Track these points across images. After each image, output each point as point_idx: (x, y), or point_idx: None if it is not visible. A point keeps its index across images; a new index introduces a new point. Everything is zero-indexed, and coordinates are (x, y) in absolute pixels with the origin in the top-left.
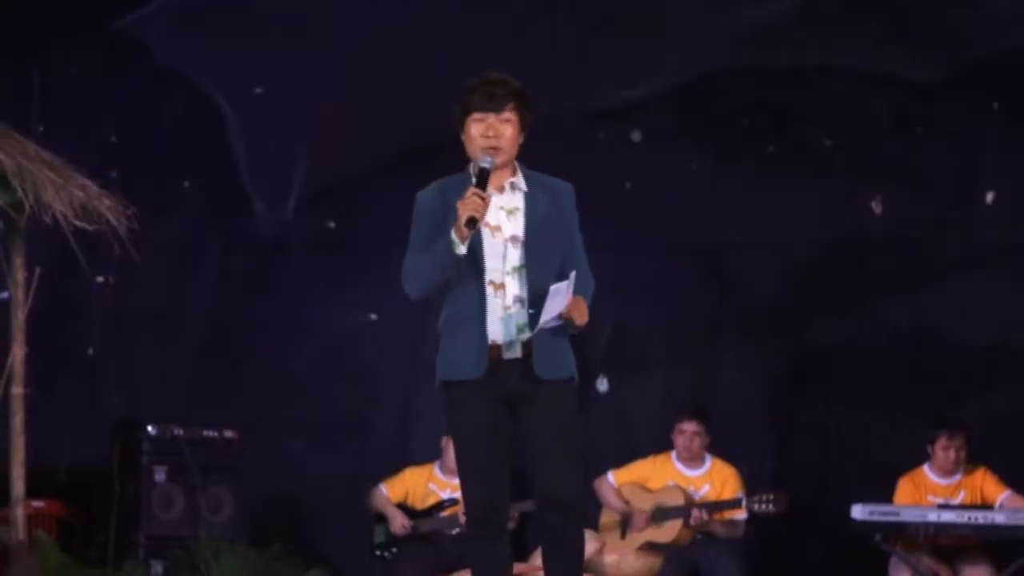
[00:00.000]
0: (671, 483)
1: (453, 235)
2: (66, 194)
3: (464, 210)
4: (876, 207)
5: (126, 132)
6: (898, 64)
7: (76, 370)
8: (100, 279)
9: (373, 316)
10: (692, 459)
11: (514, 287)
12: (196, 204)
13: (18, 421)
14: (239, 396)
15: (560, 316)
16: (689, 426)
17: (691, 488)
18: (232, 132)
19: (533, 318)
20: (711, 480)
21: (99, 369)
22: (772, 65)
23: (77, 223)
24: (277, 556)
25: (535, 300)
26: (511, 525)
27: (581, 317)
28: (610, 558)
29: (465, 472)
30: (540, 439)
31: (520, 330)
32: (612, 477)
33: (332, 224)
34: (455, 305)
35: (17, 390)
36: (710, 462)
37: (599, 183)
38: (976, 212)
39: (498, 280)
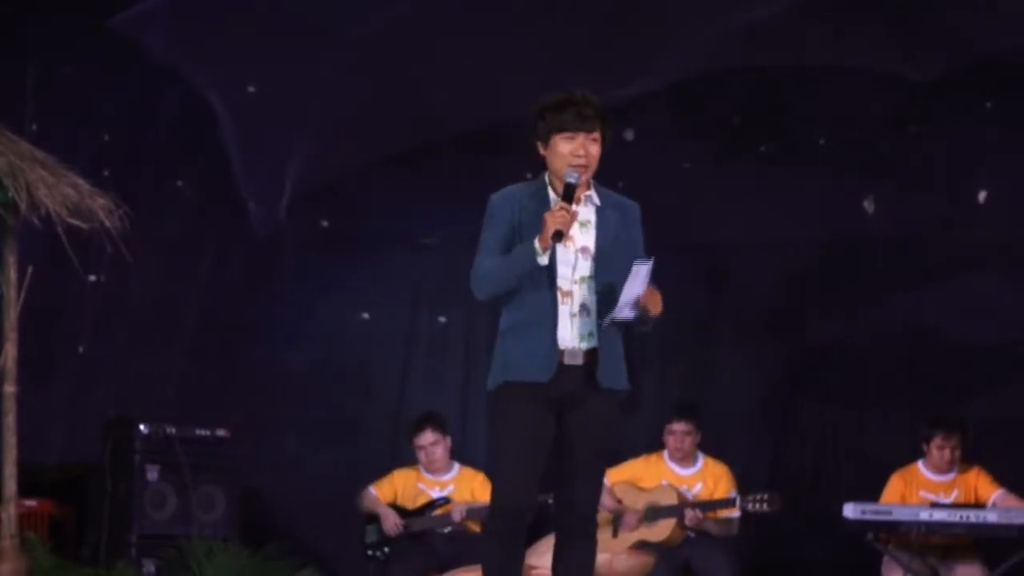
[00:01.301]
0: (664, 482)
1: (536, 245)
2: (59, 192)
3: (552, 223)
4: (868, 206)
5: (119, 131)
6: (895, 64)
7: (68, 369)
8: (92, 278)
9: (365, 315)
10: (684, 458)
11: (580, 295)
12: (189, 203)
13: (10, 420)
14: (231, 395)
15: (637, 304)
16: (679, 426)
17: (684, 487)
18: (225, 131)
19: (603, 315)
20: (704, 479)
21: (91, 368)
22: (768, 64)
23: (70, 221)
24: (269, 555)
25: (602, 311)
26: None
27: (656, 307)
28: (602, 557)
29: (502, 469)
30: (580, 445)
31: (583, 338)
32: (607, 477)
33: (326, 223)
34: (522, 310)
35: (9, 388)
36: (702, 461)
37: None
38: (973, 211)
39: (566, 288)
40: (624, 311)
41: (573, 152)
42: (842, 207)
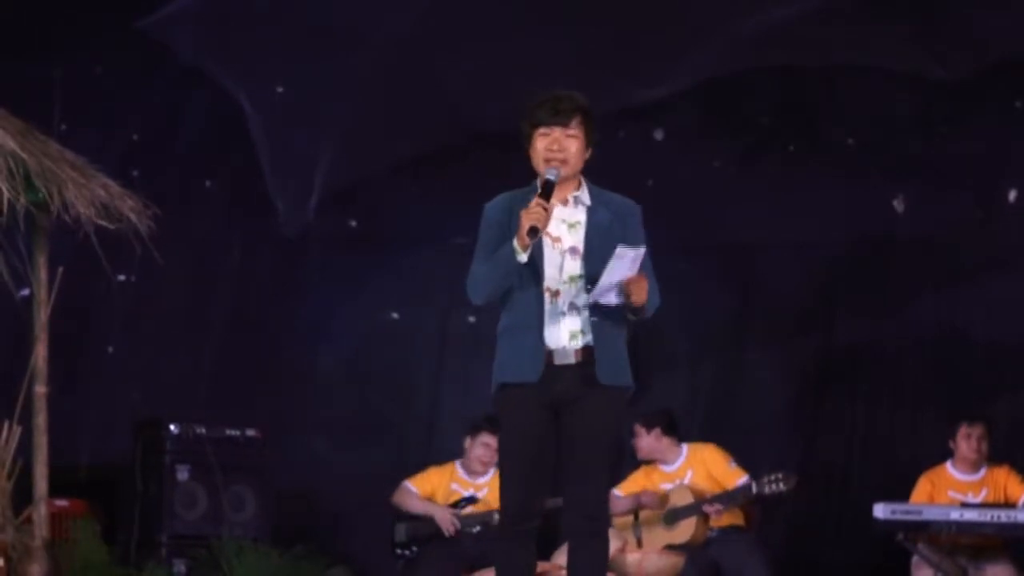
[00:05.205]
0: (677, 481)
1: (516, 243)
2: (88, 193)
3: (527, 219)
4: (898, 206)
5: (148, 131)
6: (923, 63)
7: (98, 369)
8: (122, 278)
9: (395, 315)
10: (666, 457)
11: (569, 295)
12: (218, 203)
13: (41, 420)
14: (261, 395)
15: (620, 289)
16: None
17: (677, 481)
18: (254, 132)
19: (595, 314)
20: (692, 465)
21: (121, 368)
22: (796, 64)
23: (99, 222)
24: (299, 555)
25: (594, 309)
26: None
27: (640, 294)
28: (632, 557)
29: (506, 474)
30: (581, 444)
31: (574, 336)
32: (619, 491)
33: (354, 223)
34: (513, 312)
35: (40, 389)
36: (686, 449)
37: (620, 182)
38: (1001, 211)
39: (554, 288)
40: (607, 295)
41: (547, 147)
42: (870, 207)
